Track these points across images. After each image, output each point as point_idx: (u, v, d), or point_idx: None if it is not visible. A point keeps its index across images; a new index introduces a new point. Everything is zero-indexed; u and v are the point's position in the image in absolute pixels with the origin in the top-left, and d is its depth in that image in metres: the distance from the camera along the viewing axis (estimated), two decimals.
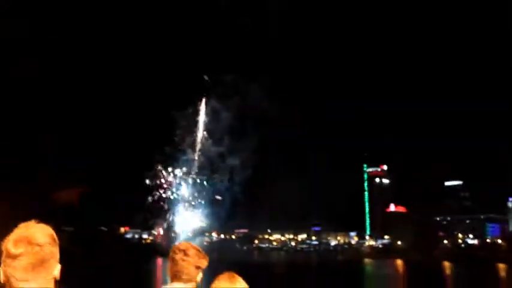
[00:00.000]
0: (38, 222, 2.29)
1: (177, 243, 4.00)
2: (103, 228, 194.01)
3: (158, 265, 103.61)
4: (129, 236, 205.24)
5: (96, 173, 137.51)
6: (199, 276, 3.78)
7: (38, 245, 2.16)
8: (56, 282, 2.26)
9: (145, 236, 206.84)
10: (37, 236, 2.19)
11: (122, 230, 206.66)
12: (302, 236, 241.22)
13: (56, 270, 2.26)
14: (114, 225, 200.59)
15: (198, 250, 3.81)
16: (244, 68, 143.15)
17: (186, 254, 3.72)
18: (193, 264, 3.72)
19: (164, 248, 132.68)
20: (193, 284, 3.76)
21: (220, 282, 3.71)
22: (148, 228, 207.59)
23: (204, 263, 3.78)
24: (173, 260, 3.75)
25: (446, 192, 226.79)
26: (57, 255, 2.29)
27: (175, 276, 3.70)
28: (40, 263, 2.15)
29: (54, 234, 2.30)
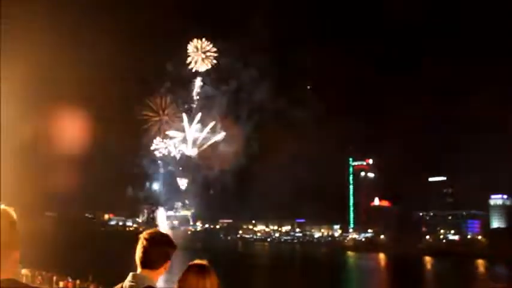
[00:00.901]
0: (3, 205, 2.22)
1: (148, 230, 3.88)
2: (87, 214, 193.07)
3: None
4: (113, 222, 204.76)
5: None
6: (168, 263, 3.75)
7: None
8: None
9: (129, 223, 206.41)
10: None
11: (106, 216, 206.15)
12: (286, 228, 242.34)
13: (16, 255, 2.23)
14: (98, 212, 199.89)
15: (167, 237, 3.79)
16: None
17: (154, 241, 3.69)
18: (162, 251, 3.68)
19: None
20: (161, 271, 3.74)
21: (189, 272, 3.73)
22: (133, 216, 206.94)
23: (172, 250, 3.75)
24: (142, 247, 3.69)
25: (430, 188, 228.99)
26: (18, 242, 2.25)
27: (144, 263, 3.67)
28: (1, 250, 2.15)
29: (15, 221, 2.24)
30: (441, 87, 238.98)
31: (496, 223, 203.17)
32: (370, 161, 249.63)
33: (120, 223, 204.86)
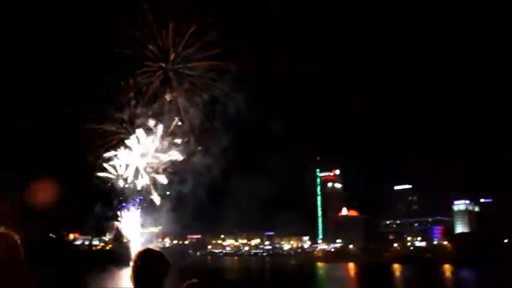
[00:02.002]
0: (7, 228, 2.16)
1: (140, 249, 3.88)
2: (51, 234, 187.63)
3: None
4: (78, 242, 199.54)
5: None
6: (163, 282, 3.71)
7: None
8: None
9: (95, 242, 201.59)
10: None
11: (71, 236, 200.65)
12: (255, 241, 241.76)
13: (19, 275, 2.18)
14: (63, 232, 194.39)
15: (162, 256, 3.75)
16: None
17: (150, 260, 3.66)
18: (157, 270, 3.66)
19: (117, 255, 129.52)
20: None
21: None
22: (99, 234, 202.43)
23: (167, 268, 3.72)
24: (137, 266, 3.67)
25: (396, 196, 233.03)
26: (20, 264, 2.19)
27: (138, 282, 3.64)
28: None
29: (19, 243, 2.19)
30: (405, 92, 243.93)
31: (460, 228, 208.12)
32: (337, 172, 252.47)
33: (86, 242, 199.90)
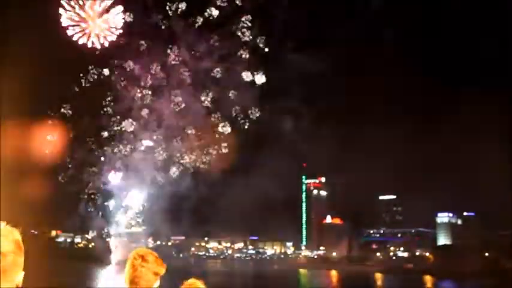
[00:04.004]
0: (6, 224, 2.14)
1: (136, 249, 3.88)
2: (33, 231, 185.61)
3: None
4: (60, 239, 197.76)
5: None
6: (157, 283, 3.71)
7: (2, 254, 2.06)
8: None
9: (78, 240, 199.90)
10: (1, 244, 2.06)
11: (53, 233, 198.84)
12: (239, 245, 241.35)
13: (19, 277, 2.16)
14: (44, 229, 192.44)
15: (157, 257, 3.75)
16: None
17: (144, 260, 3.67)
18: (152, 271, 3.65)
19: (99, 254, 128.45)
20: None
21: (188, 285, 3.77)
22: (82, 232, 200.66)
23: (162, 270, 3.74)
24: (132, 266, 3.66)
25: (380, 206, 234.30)
26: (21, 263, 2.18)
27: (134, 282, 3.63)
28: (2, 273, 2.04)
29: (20, 241, 2.18)
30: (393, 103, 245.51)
31: (442, 240, 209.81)
32: (323, 179, 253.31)
33: (69, 239, 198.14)
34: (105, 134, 68.72)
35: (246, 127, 65.01)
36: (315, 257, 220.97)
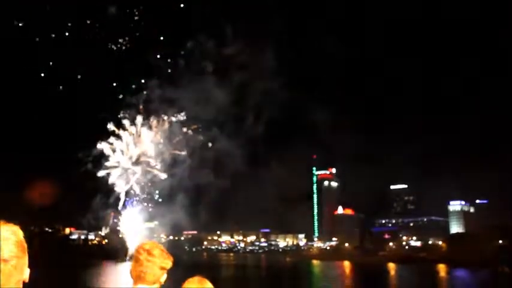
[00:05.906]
0: (5, 223, 2.06)
1: (142, 242, 3.79)
2: (47, 229, 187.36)
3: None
4: (74, 237, 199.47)
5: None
6: (164, 277, 3.69)
7: (4, 261, 1.98)
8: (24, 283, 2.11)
9: (91, 237, 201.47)
10: (3, 250, 1.99)
11: (67, 230, 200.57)
12: (251, 238, 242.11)
13: (25, 274, 2.11)
14: (58, 226, 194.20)
15: (163, 250, 3.71)
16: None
17: (150, 254, 3.63)
18: (158, 265, 3.62)
19: (112, 250, 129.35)
20: (157, 285, 3.67)
21: (190, 284, 3.76)
22: (95, 229, 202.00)
23: (168, 263, 3.68)
24: (138, 260, 3.61)
25: (392, 195, 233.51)
26: (26, 263, 2.11)
27: (139, 277, 3.60)
28: (7, 278, 1.99)
29: (23, 241, 2.10)
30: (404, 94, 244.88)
31: (455, 228, 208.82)
32: (334, 170, 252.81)
33: (82, 237, 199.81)
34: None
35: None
36: (328, 248, 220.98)
